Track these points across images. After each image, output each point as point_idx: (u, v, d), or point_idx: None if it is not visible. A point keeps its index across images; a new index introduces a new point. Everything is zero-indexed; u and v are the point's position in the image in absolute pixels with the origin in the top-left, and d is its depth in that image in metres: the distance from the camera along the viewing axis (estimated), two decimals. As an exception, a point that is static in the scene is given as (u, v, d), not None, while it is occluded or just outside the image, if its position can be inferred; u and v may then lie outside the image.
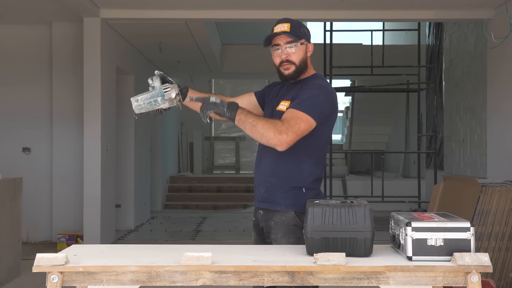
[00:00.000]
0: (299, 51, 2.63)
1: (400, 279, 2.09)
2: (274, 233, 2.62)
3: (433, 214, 2.37)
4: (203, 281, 2.09)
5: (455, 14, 7.05)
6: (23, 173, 6.64)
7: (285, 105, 2.61)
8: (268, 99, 2.82)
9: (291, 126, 2.41)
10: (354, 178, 12.78)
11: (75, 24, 7.34)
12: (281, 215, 2.61)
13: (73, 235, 7.04)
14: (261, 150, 2.71)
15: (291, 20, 2.65)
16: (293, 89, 2.65)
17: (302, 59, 2.65)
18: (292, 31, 2.61)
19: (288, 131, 2.40)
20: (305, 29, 2.67)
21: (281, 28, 2.62)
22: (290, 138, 2.40)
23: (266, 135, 2.40)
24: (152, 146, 10.51)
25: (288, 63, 2.64)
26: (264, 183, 2.65)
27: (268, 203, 2.65)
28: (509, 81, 6.49)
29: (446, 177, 5.54)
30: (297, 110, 2.47)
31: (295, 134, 2.41)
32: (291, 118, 2.44)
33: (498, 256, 4.51)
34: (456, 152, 8.88)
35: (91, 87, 6.87)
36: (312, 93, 2.54)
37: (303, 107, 2.47)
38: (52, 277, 2.06)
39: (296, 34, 2.62)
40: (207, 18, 7.30)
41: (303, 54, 2.65)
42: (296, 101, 2.53)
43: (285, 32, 2.61)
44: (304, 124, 2.45)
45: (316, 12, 7.08)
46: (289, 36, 2.60)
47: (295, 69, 2.64)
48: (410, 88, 9.97)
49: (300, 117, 2.45)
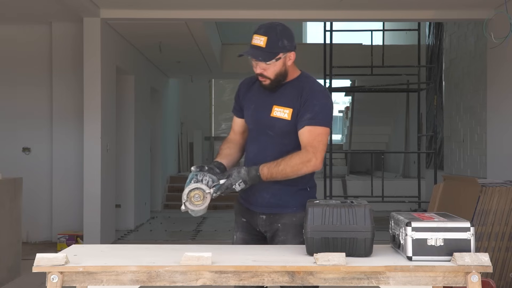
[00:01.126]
0: (275, 66, 2.55)
1: (400, 279, 2.09)
2: (283, 235, 2.62)
3: (433, 214, 2.37)
4: (203, 281, 2.09)
5: (455, 14, 7.05)
6: (23, 173, 6.63)
7: (286, 113, 2.58)
8: (247, 102, 2.73)
9: (315, 147, 2.52)
10: (354, 178, 12.78)
11: (75, 24, 7.34)
12: (291, 217, 2.62)
13: (73, 235, 7.03)
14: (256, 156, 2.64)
15: (269, 33, 2.52)
16: (285, 92, 2.61)
17: (279, 72, 2.57)
18: (268, 46, 2.51)
19: (316, 154, 2.51)
20: (285, 39, 2.54)
21: (257, 42, 2.52)
22: (319, 159, 2.53)
23: (300, 172, 2.51)
24: (152, 146, 10.51)
25: (263, 77, 2.59)
26: (268, 189, 2.61)
27: (274, 208, 2.63)
28: (509, 81, 6.48)
29: (446, 177, 5.54)
30: (315, 127, 2.54)
31: (322, 152, 2.54)
32: (313, 139, 2.52)
33: (498, 256, 4.51)
34: (456, 152, 8.88)
35: (91, 87, 6.87)
36: (321, 103, 2.56)
37: (320, 122, 2.54)
38: (52, 277, 2.06)
39: (272, 50, 2.51)
40: (207, 18, 7.30)
41: (279, 68, 2.56)
42: (308, 115, 2.54)
43: (259, 49, 2.51)
44: (324, 137, 2.56)
45: (316, 12, 7.08)
46: (263, 55, 2.51)
47: (271, 83, 2.59)
48: (410, 88, 9.97)
49: (320, 133, 2.54)
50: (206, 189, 2.45)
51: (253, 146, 2.69)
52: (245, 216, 2.75)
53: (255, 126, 2.68)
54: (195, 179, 2.49)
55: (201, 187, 2.45)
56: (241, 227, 2.76)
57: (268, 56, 2.52)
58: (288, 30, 2.58)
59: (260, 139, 2.66)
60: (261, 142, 2.65)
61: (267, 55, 2.52)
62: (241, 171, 2.49)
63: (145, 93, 9.70)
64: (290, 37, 2.57)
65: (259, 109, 2.66)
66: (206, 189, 2.45)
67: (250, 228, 2.74)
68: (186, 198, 2.44)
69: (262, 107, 2.65)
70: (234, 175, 2.48)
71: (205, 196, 2.44)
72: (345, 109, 17.42)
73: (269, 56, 2.52)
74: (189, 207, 2.44)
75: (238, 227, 2.78)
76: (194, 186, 2.45)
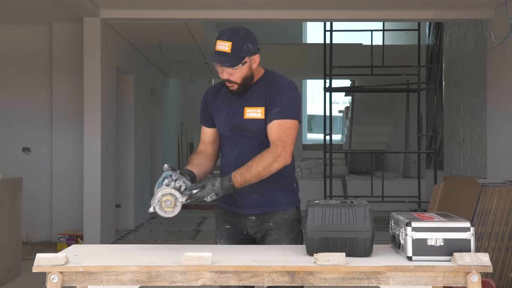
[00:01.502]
0: (241, 70, 2.53)
1: (400, 279, 2.09)
2: (275, 233, 2.62)
3: (433, 214, 2.37)
4: (203, 281, 2.09)
5: (455, 14, 7.05)
6: (23, 173, 6.63)
7: (258, 112, 2.57)
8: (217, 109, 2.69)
9: (284, 141, 2.50)
10: (354, 178, 12.78)
11: (75, 24, 7.34)
12: (282, 214, 2.63)
13: (73, 235, 7.03)
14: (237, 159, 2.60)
15: (233, 37, 2.50)
16: (253, 93, 2.59)
17: (245, 76, 2.55)
18: (234, 51, 2.48)
19: (285, 148, 2.49)
20: (249, 42, 2.52)
21: (222, 48, 2.49)
22: (288, 152, 2.50)
23: (272, 168, 2.48)
24: (152, 146, 10.51)
25: (230, 83, 2.56)
26: (257, 189, 2.57)
27: (265, 207, 2.63)
28: (509, 81, 6.48)
29: (446, 177, 5.54)
30: (284, 120, 2.52)
31: (291, 145, 2.52)
32: (281, 133, 2.50)
33: (498, 256, 4.51)
34: (456, 152, 8.88)
35: (91, 87, 6.87)
36: (289, 96, 2.55)
37: (288, 115, 2.53)
38: (52, 277, 2.06)
39: (238, 55, 2.49)
40: (207, 18, 7.30)
41: (246, 72, 2.54)
42: (277, 109, 2.53)
43: (225, 54, 2.49)
44: (293, 130, 2.54)
45: (316, 12, 7.08)
46: (230, 60, 2.49)
47: (239, 87, 2.57)
48: (410, 88, 9.97)
49: (289, 126, 2.52)
50: (179, 197, 2.37)
51: (232, 150, 2.65)
52: (230, 221, 2.71)
53: (231, 132, 2.65)
54: (168, 180, 2.42)
55: (174, 194, 2.37)
56: (225, 234, 2.73)
57: (234, 61, 2.50)
58: (251, 33, 2.57)
59: (239, 142, 2.63)
60: (241, 145, 2.62)
61: (233, 60, 2.50)
62: (215, 183, 2.45)
63: (145, 93, 9.70)
64: (253, 40, 2.55)
65: (231, 115, 2.63)
66: (179, 197, 2.37)
67: (235, 233, 2.71)
68: (157, 202, 2.36)
69: (234, 112, 2.62)
70: (208, 187, 2.43)
71: (176, 204, 2.36)
72: (345, 109, 17.43)
73: (235, 61, 2.50)
74: (158, 212, 2.36)
75: (222, 235, 2.74)
76: (168, 192, 2.37)
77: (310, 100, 24.22)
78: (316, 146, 16.52)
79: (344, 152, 12.79)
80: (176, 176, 2.44)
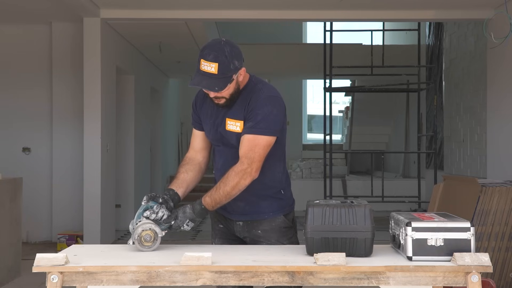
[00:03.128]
0: (229, 88, 2.47)
1: (400, 279, 2.09)
2: (266, 241, 2.61)
3: (433, 214, 2.37)
4: (203, 281, 2.09)
5: (455, 14, 7.05)
6: (23, 173, 6.63)
7: (237, 125, 2.52)
8: (204, 116, 2.67)
9: (250, 158, 2.45)
10: (354, 178, 12.77)
11: (75, 24, 7.34)
12: (269, 222, 2.62)
13: (73, 235, 7.03)
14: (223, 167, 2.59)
15: (219, 58, 2.39)
16: (236, 103, 2.54)
17: (233, 92, 2.50)
18: (220, 72, 2.40)
19: (251, 165, 2.44)
20: (235, 59, 2.43)
21: (207, 69, 2.40)
22: (254, 168, 2.45)
23: (241, 186, 2.45)
24: (152, 146, 10.51)
25: (217, 98, 2.51)
26: (242, 198, 2.54)
27: (251, 215, 2.62)
28: (509, 81, 6.48)
29: (446, 177, 5.54)
30: (254, 136, 2.46)
31: (258, 162, 2.46)
32: (249, 150, 2.45)
33: (498, 256, 4.51)
34: (456, 152, 8.88)
35: (91, 87, 6.87)
36: (264, 111, 2.47)
37: (259, 130, 2.46)
38: (52, 277, 2.05)
39: (225, 75, 2.41)
40: (207, 18, 7.30)
41: (234, 87, 2.48)
42: (250, 123, 2.47)
43: (211, 76, 2.40)
44: (262, 147, 2.47)
45: (316, 12, 7.08)
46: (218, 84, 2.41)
47: (226, 101, 2.51)
48: (410, 88, 9.97)
49: (258, 143, 2.46)
50: (159, 233, 2.37)
51: (219, 158, 2.65)
52: (222, 222, 2.73)
53: (216, 140, 2.65)
54: (149, 212, 2.40)
55: (155, 230, 2.36)
56: (219, 234, 2.74)
57: (222, 83, 2.42)
58: (236, 47, 2.47)
59: (223, 152, 2.63)
60: (225, 155, 2.62)
61: (221, 82, 2.42)
62: (186, 210, 2.45)
63: (145, 93, 9.70)
64: (239, 55, 2.47)
65: (216, 124, 2.61)
66: (159, 233, 2.37)
67: (228, 234, 2.72)
68: (137, 238, 2.35)
69: (218, 121, 2.59)
70: (180, 216, 2.44)
71: (155, 239, 2.36)
72: (345, 109, 17.43)
73: (223, 83, 2.42)
74: (137, 247, 2.35)
75: (216, 234, 2.76)
76: (148, 227, 2.36)
77: (310, 100, 24.22)
78: (316, 146, 16.51)
79: (344, 152, 12.78)
80: (158, 208, 2.43)
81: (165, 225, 2.41)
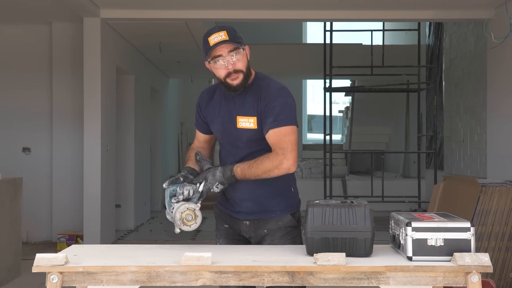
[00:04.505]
0: (243, 57, 2.49)
1: (400, 279, 2.09)
2: (270, 240, 2.61)
3: (433, 214, 2.37)
4: (203, 281, 2.09)
5: (455, 14, 7.05)
6: (23, 173, 6.63)
7: (251, 122, 2.53)
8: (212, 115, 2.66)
9: (283, 148, 2.45)
10: (354, 178, 12.78)
11: (75, 24, 7.34)
12: (276, 221, 2.60)
13: (73, 235, 7.03)
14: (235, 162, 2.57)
15: (224, 27, 2.47)
16: (245, 100, 2.55)
17: (247, 65, 2.52)
18: (231, 38, 2.45)
19: (286, 155, 2.44)
20: (239, 32, 2.52)
21: (218, 38, 2.44)
22: (291, 160, 2.44)
23: (272, 174, 2.45)
24: (152, 146, 10.51)
25: (235, 73, 2.48)
26: (250, 197, 2.57)
27: (259, 214, 2.61)
28: (509, 81, 6.48)
29: (446, 177, 5.54)
30: (279, 128, 2.47)
31: (292, 151, 2.45)
32: (280, 140, 2.46)
33: (498, 256, 4.51)
34: (456, 152, 8.88)
35: (91, 87, 6.87)
36: (280, 103, 2.49)
37: (283, 122, 2.47)
38: (52, 277, 2.05)
39: (236, 40, 2.46)
40: (207, 18, 7.29)
41: (246, 60, 2.52)
42: (270, 119, 2.47)
43: (225, 41, 2.44)
44: (291, 136, 2.47)
45: (316, 12, 7.08)
46: (231, 43, 2.45)
47: (243, 77, 2.50)
48: (410, 88, 9.97)
49: (286, 133, 2.46)
50: (196, 207, 2.39)
51: (228, 158, 2.63)
52: (227, 222, 2.72)
53: (225, 139, 2.64)
54: (177, 198, 2.42)
55: (190, 207, 2.38)
56: (224, 234, 2.73)
57: (236, 43, 2.46)
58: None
59: (232, 152, 2.62)
60: (234, 154, 2.60)
61: (235, 43, 2.46)
62: (216, 173, 2.46)
63: (145, 93, 9.70)
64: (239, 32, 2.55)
65: (225, 122, 2.60)
66: (196, 207, 2.39)
67: (233, 234, 2.71)
68: (180, 223, 2.37)
69: (228, 119, 2.59)
70: (210, 178, 2.45)
71: (196, 215, 2.39)
72: (345, 109, 17.43)
73: (237, 44, 2.46)
74: (184, 229, 2.38)
75: (221, 234, 2.74)
76: (184, 208, 2.38)
77: (310, 100, 24.22)
78: (316, 146, 16.51)
79: (344, 152, 12.78)
80: (181, 188, 2.44)
81: (196, 195, 2.44)
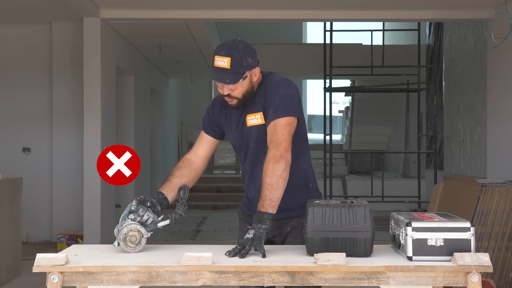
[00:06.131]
0: (242, 86, 2.48)
1: (401, 279, 2.09)
2: (292, 237, 2.59)
3: (433, 214, 2.37)
4: (203, 281, 2.09)
5: (455, 14, 7.05)
6: (23, 173, 6.62)
7: (257, 117, 2.54)
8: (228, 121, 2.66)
9: (275, 141, 2.42)
10: (354, 178, 12.78)
11: (75, 24, 7.34)
12: (299, 219, 2.52)
13: (73, 235, 7.03)
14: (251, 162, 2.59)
15: (231, 53, 2.43)
16: (253, 100, 2.56)
17: (246, 91, 2.50)
18: (233, 67, 2.42)
19: (277, 147, 2.40)
20: (248, 56, 2.46)
21: (220, 63, 2.43)
22: (282, 149, 2.39)
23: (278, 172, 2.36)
24: (152, 146, 10.51)
25: (230, 98, 2.51)
26: None
27: (281, 213, 2.52)
28: (509, 81, 6.48)
29: (446, 177, 5.54)
30: (277, 120, 2.45)
31: (284, 142, 2.41)
32: (273, 134, 2.43)
33: (498, 256, 4.51)
34: (456, 152, 8.88)
35: (91, 87, 6.87)
36: (280, 94, 2.49)
37: (281, 113, 2.45)
38: (52, 277, 2.05)
39: (237, 70, 2.43)
40: (207, 18, 7.30)
41: (246, 86, 2.50)
42: (271, 110, 2.47)
43: (224, 70, 2.43)
44: (286, 127, 2.44)
45: (316, 12, 7.08)
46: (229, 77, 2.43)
47: (238, 102, 2.52)
48: (410, 88, 9.97)
49: (281, 124, 2.43)
50: (145, 235, 2.36)
51: (246, 163, 2.64)
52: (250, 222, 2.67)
53: (240, 143, 2.64)
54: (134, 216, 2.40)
55: (140, 230, 2.36)
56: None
57: (234, 77, 2.44)
58: (250, 46, 2.51)
59: (247, 155, 2.62)
60: (250, 156, 2.61)
61: (233, 76, 2.44)
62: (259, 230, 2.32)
63: (145, 93, 9.70)
64: (252, 53, 2.50)
65: (239, 127, 2.61)
66: (145, 235, 2.36)
67: None
68: (122, 238, 2.35)
69: (240, 123, 2.60)
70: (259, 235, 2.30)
71: (140, 242, 2.35)
72: (345, 109, 17.42)
73: (235, 77, 2.44)
74: (122, 247, 2.35)
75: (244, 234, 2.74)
76: (134, 228, 2.36)
77: (310, 100, 24.23)
78: (316, 146, 16.49)
79: (344, 152, 12.78)
80: (143, 211, 2.43)
81: (152, 226, 2.41)
